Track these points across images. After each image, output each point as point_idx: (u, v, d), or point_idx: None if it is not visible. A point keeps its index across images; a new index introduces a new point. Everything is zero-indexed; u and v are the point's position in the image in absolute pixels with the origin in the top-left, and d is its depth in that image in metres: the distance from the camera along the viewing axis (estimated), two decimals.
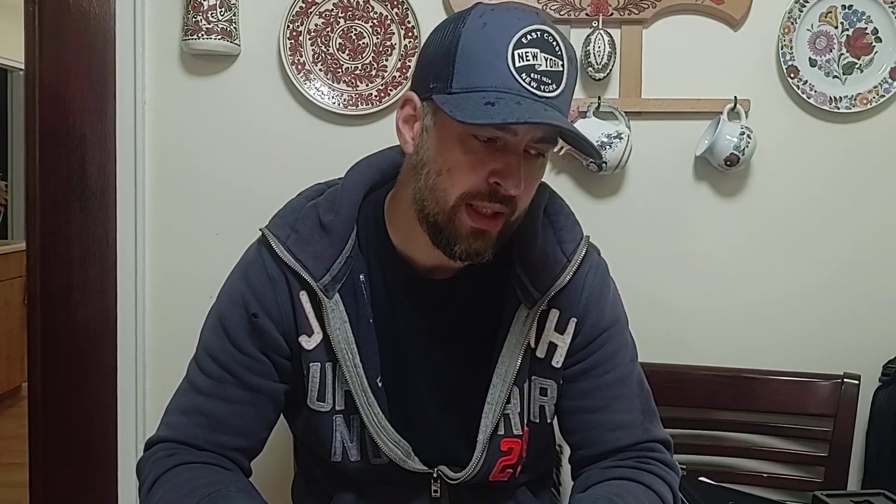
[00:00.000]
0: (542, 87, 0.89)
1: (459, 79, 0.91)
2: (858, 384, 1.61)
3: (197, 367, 1.10)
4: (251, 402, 1.08)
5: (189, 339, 1.74)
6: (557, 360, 1.08)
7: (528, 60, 0.89)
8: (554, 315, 1.07)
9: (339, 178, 1.12)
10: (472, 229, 0.95)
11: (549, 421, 1.11)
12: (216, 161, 1.73)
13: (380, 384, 1.06)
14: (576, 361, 1.10)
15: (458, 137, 0.93)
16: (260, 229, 1.09)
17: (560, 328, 1.08)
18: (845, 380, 1.61)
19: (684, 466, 1.57)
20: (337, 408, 1.08)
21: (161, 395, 1.77)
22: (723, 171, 1.64)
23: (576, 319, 1.08)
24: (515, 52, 0.89)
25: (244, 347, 1.07)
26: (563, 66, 0.92)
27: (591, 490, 1.05)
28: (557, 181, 1.69)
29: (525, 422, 1.11)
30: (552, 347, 1.08)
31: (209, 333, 1.10)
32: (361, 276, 1.06)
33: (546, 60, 0.90)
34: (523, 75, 0.89)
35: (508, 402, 1.07)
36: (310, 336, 1.05)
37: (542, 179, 1.15)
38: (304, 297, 1.05)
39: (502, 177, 0.92)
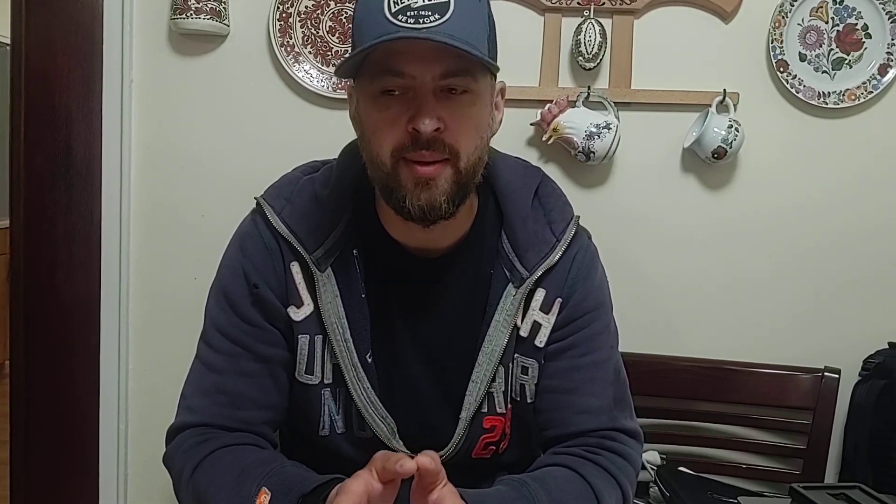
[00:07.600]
0: (422, 20, 0.90)
1: (354, 47, 0.96)
2: (838, 378, 1.62)
3: (207, 346, 1.09)
4: (268, 373, 1.08)
5: (173, 320, 1.76)
6: (541, 340, 1.09)
7: (403, 3, 0.90)
8: (540, 294, 1.08)
9: (335, 158, 1.13)
10: (415, 180, 0.95)
11: (529, 401, 1.11)
12: (203, 142, 1.72)
13: (369, 360, 1.07)
14: (555, 340, 1.10)
15: (372, 100, 0.96)
16: (255, 198, 1.10)
17: (545, 308, 1.08)
18: (825, 373, 1.62)
19: (664, 456, 1.58)
20: (325, 381, 1.08)
21: (144, 375, 1.78)
22: (710, 163, 1.65)
23: (561, 299, 1.09)
24: (391, 1, 0.91)
25: (252, 319, 1.07)
26: None
27: (526, 473, 1.05)
28: (545, 170, 1.67)
29: (508, 400, 1.11)
30: (536, 327, 1.09)
31: (215, 309, 1.09)
32: (355, 252, 1.06)
33: None
34: (399, 17, 0.90)
35: (493, 380, 1.08)
36: (298, 308, 1.06)
37: (536, 166, 1.17)
38: (294, 267, 1.06)
39: (414, 120, 0.93)
